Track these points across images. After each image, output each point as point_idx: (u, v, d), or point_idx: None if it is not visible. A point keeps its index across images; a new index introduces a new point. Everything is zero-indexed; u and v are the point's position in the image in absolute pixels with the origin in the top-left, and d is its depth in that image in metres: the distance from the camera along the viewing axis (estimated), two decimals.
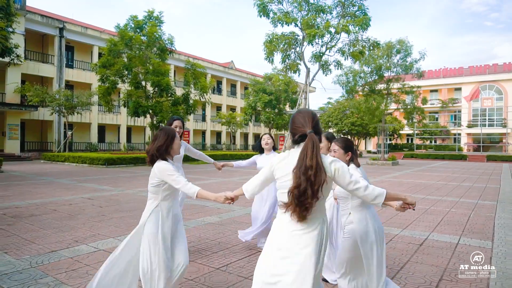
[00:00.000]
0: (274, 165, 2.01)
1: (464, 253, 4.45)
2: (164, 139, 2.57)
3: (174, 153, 2.62)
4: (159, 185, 2.54)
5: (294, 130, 1.99)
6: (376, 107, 24.35)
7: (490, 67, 48.26)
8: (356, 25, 14.28)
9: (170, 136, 2.59)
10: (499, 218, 6.66)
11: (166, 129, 2.63)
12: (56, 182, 11.55)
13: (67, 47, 28.87)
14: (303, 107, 16.34)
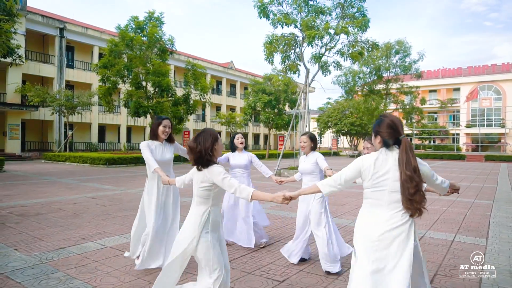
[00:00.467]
0: (365, 165, 2.17)
1: (459, 250, 4.61)
2: (210, 140, 2.44)
3: (218, 154, 2.51)
4: (210, 189, 2.39)
5: (387, 135, 2.16)
6: (375, 107, 24.53)
7: (489, 68, 48.43)
8: (355, 26, 14.43)
9: (214, 138, 2.47)
10: (494, 217, 6.81)
11: (209, 131, 2.51)
12: (58, 182, 11.69)
13: (67, 47, 28.98)
14: (302, 107, 16.50)
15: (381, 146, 2.20)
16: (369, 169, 2.15)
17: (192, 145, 2.46)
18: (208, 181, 2.37)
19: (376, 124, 2.26)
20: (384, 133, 2.18)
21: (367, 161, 2.18)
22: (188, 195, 9.08)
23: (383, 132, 2.18)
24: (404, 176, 2.06)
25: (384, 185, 2.12)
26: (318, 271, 3.81)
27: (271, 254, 4.36)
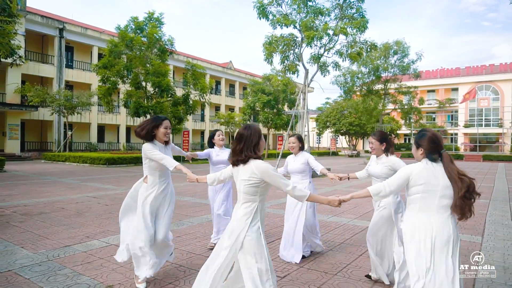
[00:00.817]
0: (414, 173, 2.39)
1: None
2: (256, 137, 2.43)
3: (261, 151, 2.47)
4: (257, 185, 2.33)
5: (433, 149, 2.41)
6: (373, 108, 24.67)
7: (487, 68, 48.67)
8: (354, 27, 14.53)
9: (259, 134, 2.46)
10: (490, 215, 6.94)
11: (254, 127, 2.48)
12: (60, 182, 11.77)
13: (67, 47, 29.02)
14: (302, 107, 16.61)
15: (424, 157, 2.44)
16: (418, 178, 2.37)
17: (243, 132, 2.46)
18: (256, 177, 2.32)
19: (419, 137, 2.50)
20: (426, 146, 2.42)
21: (415, 170, 2.40)
22: (188, 195, 9.19)
23: (425, 145, 2.43)
24: (457, 182, 2.30)
25: (435, 192, 2.33)
26: (318, 267, 3.92)
27: (271, 251, 4.46)
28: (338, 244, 4.85)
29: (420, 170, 2.38)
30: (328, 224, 6.09)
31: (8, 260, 4.00)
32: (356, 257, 4.29)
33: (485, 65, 49.03)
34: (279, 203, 8.03)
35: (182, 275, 3.62)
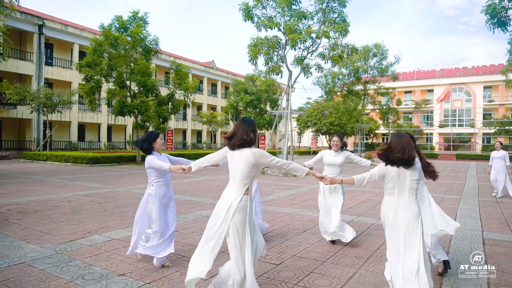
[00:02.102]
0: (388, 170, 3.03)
1: None
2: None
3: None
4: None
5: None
6: (354, 108, 25.43)
7: (460, 70, 50.69)
8: (336, 31, 15.10)
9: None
10: (461, 210, 7.56)
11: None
12: (46, 181, 11.78)
13: (46, 44, 28.47)
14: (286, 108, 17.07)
15: None
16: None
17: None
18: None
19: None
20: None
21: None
22: (179, 193, 9.45)
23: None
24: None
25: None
26: (309, 256, 4.33)
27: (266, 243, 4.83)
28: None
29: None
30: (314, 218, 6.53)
31: (18, 253, 4.22)
32: (342, 247, 4.73)
33: (458, 68, 51.06)
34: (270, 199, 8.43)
35: (186, 264, 3.95)
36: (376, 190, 10.50)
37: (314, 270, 3.81)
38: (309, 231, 5.60)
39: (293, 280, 3.52)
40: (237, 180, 2.88)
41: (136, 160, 20.49)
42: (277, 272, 3.73)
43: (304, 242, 4.95)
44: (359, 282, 3.52)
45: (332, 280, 3.52)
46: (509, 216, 6.93)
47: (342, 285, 3.43)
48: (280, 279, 3.55)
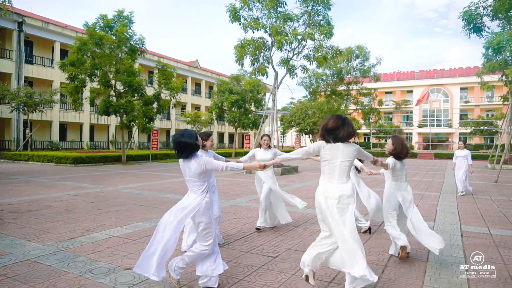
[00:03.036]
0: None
1: None
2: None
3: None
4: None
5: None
6: (337, 108, 26.03)
7: (438, 72, 52.34)
8: (321, 33, 15.51)
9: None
10: (440, 205, 8.02)
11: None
12: (32, 181, 11.67)
13: (26, 42, 27.85)
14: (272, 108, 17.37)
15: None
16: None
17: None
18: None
19: None
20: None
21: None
22: (170, 192, 9.57)
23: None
24: None
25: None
26: (304, 248, 4.60)
27: (261, 238, 5.10)
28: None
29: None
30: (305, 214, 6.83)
31: (21, 251, 4.32)
32: None
33: (436, 70, 52.71)
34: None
35: None
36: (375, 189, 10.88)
37: None
38: (301, 226, 5.89)
39: (291, 271, 3.78)
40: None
41: (122, 160, 20.39)
42: (275, 264, 3.99)
43: (298, 236, 5.23)
44: None
45: (327, 270, 3.80)
46: (484, 211, 7.42)
47: (336, 274, 3.71)
48: (279, 270, 3.81)
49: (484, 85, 22.17)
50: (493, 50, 14.49)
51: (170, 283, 3.41)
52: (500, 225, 6.15)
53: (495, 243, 4.99)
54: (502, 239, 5.24)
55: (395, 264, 4.07)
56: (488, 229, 5.81)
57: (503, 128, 20.80)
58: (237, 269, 3.83)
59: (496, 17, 12.44)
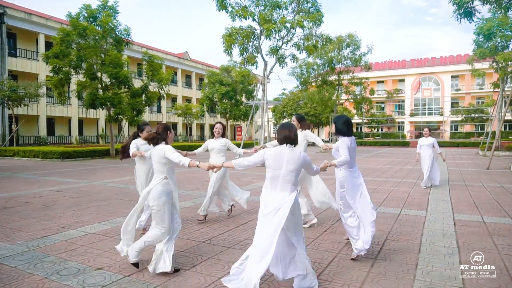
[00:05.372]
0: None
1: (404, 220, 5.43)
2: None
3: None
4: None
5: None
6: (328, 98, 25.76)
7: (429, 60, 52.29)
8: (310, 21, 15.15)
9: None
10: (432, 194, 7.85)
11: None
12: (15, 177, 11.28)
13: (8, 34, 27.02)
14: (262, 98, 17.06)
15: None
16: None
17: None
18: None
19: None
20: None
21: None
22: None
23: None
24: None
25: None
26: None
27: (246, 232, 4.85)
28: (305, 223, 5.35)
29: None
30: None
31: None
32: (321, 233, 4.81)
33: (427, 58, 52.64)
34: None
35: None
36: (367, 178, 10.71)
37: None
38: None
39: None
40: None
41: (110, 154, 19.97)
42: None
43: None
44: (338, 265, 3.59)
45: (313, 264, 3.57)
46: (476, 198, 7.26)
47: (322, 269, 3.48)
48: None
49: (475, 72, 22.06)
50: (483, 36, 14.35)
51: (144, 283, 3.15)
52: (493, 212, 5.99)
53: (489, 232, 4.81)
54: (496, 227, 5.06)
55: (386, 256, 3.85)
56: (482, 217, 5.64)
57: (494, 115, 20.76)
58: (216, 267, 3.58)
59: (487, 1, 12.20)
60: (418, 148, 9.22)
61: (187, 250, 4.09)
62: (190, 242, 4.42)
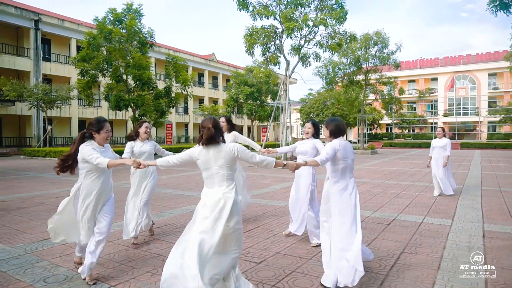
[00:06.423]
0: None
1: (426, 230, 4.95)
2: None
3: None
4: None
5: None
6: (355, 98, 24.99)
7: (464, 58, 49.81)
8: (334, 18, 14.66)
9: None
10: (462, 200, 7.23)
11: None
12: (40, 177, 11.58)
13: (43, 40, 28.23)
14: (283, 99, 16.73)
15: None
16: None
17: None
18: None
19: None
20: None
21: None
22: (171, 187, 9.20)
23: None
24: None
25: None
26: (294, 253, 4.05)
27: (251, 239, 4.57)
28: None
29: None
30: None
31: None
32: None
33: (462, 56, 50.18)
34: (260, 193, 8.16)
35: (160, 264, 3.69)
36: (375, 181, 10.19)
37: (297, 269, 3.52)
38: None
39: (271, 281, 3.24)
40: None
41: None
42: (256, 272, 3.45)
43: (292, 237, 4.66)
44: None
45: (315, 280, 3.23)
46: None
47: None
48: (258, 280, 3.27)
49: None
50: None
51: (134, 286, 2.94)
52: None
53: None
54: None
55: (399, 272, 3.44)
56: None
57: None
58: None
59: None
60: (431, 151, 8.12)
61: None
62: None
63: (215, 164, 2.72)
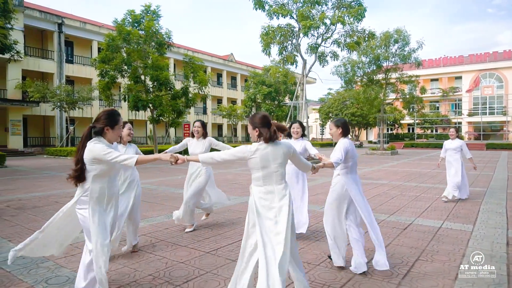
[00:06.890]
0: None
1: (444, 236, 4.68)
2: None
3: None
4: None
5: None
6: (374, 97, 24.43)
7: (490, 55, 47.99)
8: (351, 16, 14.34)
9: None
10: (485, 204, 6.86)
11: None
12: (58, 176, 11.83)
13: (66, 42, 29.02)
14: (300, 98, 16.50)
15: None
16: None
17: None
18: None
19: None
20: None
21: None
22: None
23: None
24: None
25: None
26: (302, 258, 3.88)
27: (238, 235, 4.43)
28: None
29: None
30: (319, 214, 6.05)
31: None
32: None
33: (488, 53, 48.35)
34: None
35: (163, 267, 3.62)
36: (393, 183, 9.86)
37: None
38: (310, 229, 5.13)
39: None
40: None
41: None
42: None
43: (301, 241, 4.50)
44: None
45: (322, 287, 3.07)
46: None
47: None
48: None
49: None
50: None
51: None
52: None
53: None
54: None
55: (412, 282, 3.23)
56: None
57: None
58: (211, 284, 3.20)
59: None
60: (442, 152, 7.59)
61: (187, 262, 3.76)
62: (194, 251, 4.11)
63: (274, 162, 2.68)
